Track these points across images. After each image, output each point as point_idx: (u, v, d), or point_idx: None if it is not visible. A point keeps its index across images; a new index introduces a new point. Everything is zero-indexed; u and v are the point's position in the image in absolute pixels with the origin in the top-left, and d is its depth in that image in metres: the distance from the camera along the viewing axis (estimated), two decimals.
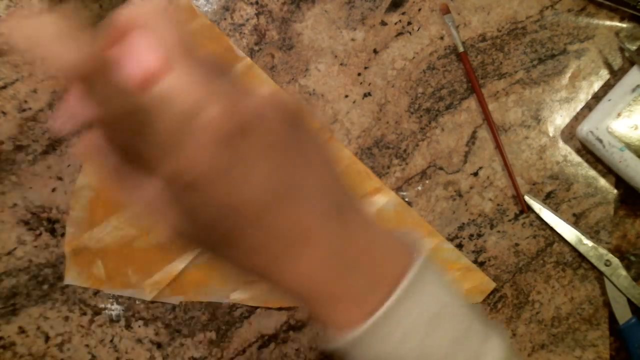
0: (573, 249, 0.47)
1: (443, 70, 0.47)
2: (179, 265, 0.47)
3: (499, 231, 0.48)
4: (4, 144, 0.46)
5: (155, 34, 0.20)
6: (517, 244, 0.48)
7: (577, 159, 0.47)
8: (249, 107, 0.21)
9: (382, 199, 0.47)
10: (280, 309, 0.48)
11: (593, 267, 0.47)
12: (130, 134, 0.20)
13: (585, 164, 0.47)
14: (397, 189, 0.47)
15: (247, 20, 0.46)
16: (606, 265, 0.46)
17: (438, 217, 0.48)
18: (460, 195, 0.47)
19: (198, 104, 0.19)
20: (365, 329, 0.23)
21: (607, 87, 0.46)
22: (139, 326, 0.47)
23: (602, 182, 0.47)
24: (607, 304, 0.48)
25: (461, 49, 0.45)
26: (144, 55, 0.20)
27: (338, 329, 0.24)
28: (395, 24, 0.46)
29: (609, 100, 0.44)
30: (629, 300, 0.46)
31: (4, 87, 0.46)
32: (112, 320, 0.47)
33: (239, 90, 0.21)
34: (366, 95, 0.47)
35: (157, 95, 0.19)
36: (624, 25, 0.46)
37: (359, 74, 0.47)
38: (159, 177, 0.21)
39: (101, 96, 0.20)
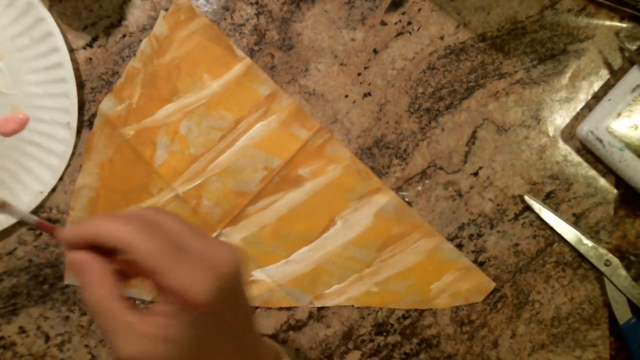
0: (573, 249, 0.47)
1: (443, 70, 0.47)
2: None
3: (499, 231, 0.48)
4: None
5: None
6: (517, 244, 0.48)
7: (577, 159, 0.47)
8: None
9: (382, 199, 0.47)
10: (280, 309, 0.48)
11: (593, 267, 0.47)
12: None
13: (585, 164, 0.47)
14: (397, 189, 0.47)
15: (247, 20, 0.46)
16: (606, 265, 0.46)
17: (438, 217, 0.48)
18: (460, 195, 0.47)
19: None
20: None
21: (607, 87, 0.46)
22: None
23: (602, 182, 0.47)
24: (607, 304, 0.48)
25: None
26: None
27: None
28: (395, 24, 0.46)
29: (609, 100, 0.44)
30: (629, 300, 0.46)
31: None
32: None
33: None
34: (366, 95, 0.47)
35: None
36: (624, 25, 0.46)
37: (359, 74, 0.47)
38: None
39: None
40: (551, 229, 0.47)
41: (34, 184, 0.45)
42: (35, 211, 0.46)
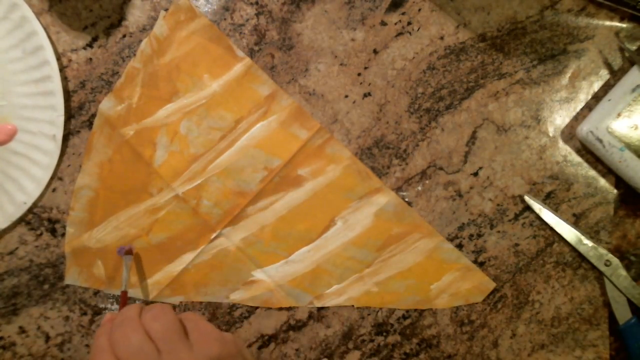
0: (573, 249, 0.47)
1: (443, 70, 0.47)
2: (179, 265, 0.47)
3: (499, 231, 0.48)
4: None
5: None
6: (517, 244, 0.48)
7: (577, 159, 0.47)
8: None
9: (382, 199, 0.47)
10: (280, 309, 0.48)
11: (593, 267, 0.47)
12: None
13: (585, 164, 0.47)
14: (397, 189, 0.47)
15: (247, 20, 0.46)
16: (606, 265, 0.46)
17: (438, 217, 0.48)
18: (460, 195, 0.47)
19: None
20: None
21: (607, 87, 0.46)
22: None
23: (602, 182, 0.47)
24: (607, 304, 0.48)
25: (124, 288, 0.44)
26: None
27: None
28: (395, 24, 0.46)
29: (609, 100, 0.44)
30: (629, 300, 0.46)
31: None
32: None
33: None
34: (366, 95, 0.47)
35: None
36: (624, 25, 0.46)
37: (359, 74, 0.47)
38: None
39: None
40: (551, 229, 0.47)
41: (18, 194, 0.45)
42: (23, 217, 0.46)
